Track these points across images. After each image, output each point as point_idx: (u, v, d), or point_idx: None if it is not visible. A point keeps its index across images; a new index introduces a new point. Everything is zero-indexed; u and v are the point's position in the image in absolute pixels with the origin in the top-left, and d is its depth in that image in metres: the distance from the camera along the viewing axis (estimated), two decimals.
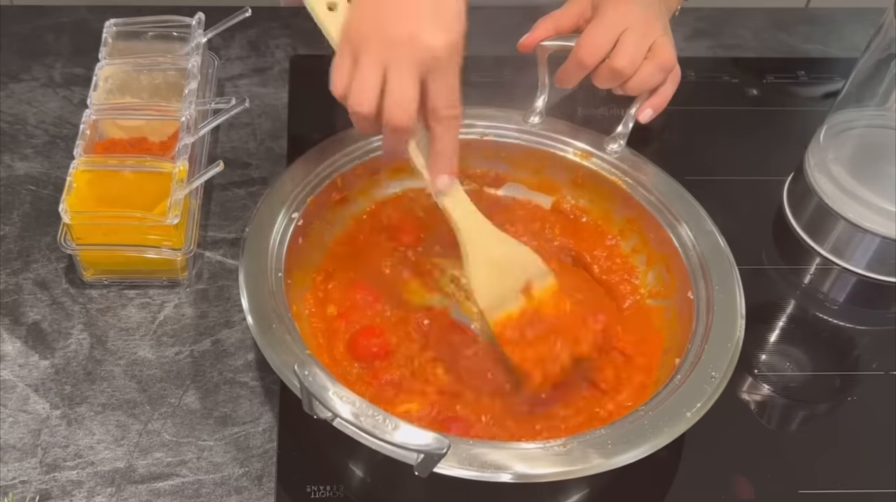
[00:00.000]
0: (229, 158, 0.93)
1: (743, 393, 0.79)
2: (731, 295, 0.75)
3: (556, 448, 0.64)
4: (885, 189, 0.84)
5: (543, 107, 0.86)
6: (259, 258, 0.74)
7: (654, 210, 0.81)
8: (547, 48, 0.83)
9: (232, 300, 0.83)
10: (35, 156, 0.93)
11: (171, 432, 0.75)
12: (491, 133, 0.86)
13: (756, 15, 1.14)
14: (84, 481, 0.72)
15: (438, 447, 0.57)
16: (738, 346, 0.71)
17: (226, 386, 0.78)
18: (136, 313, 0.82)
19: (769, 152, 0.98)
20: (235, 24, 0.95)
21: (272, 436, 0.75)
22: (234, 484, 0.72)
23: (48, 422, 0.75)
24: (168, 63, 0.91)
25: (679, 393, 0.68)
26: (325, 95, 0.69)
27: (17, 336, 0.80)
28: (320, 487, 0.72)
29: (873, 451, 0.77)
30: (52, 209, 0.82)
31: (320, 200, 0.81)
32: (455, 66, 0.66)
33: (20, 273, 0.84)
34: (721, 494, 0.73)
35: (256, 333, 0.69)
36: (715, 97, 1.03)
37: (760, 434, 0.78)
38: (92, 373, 0.78)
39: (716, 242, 0.79)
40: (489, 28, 1.03)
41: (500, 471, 0.63)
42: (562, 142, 0.86)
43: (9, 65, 1.01)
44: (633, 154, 0.85)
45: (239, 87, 1.02)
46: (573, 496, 0.73)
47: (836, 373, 0.82)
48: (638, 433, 0.65)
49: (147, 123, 0.88)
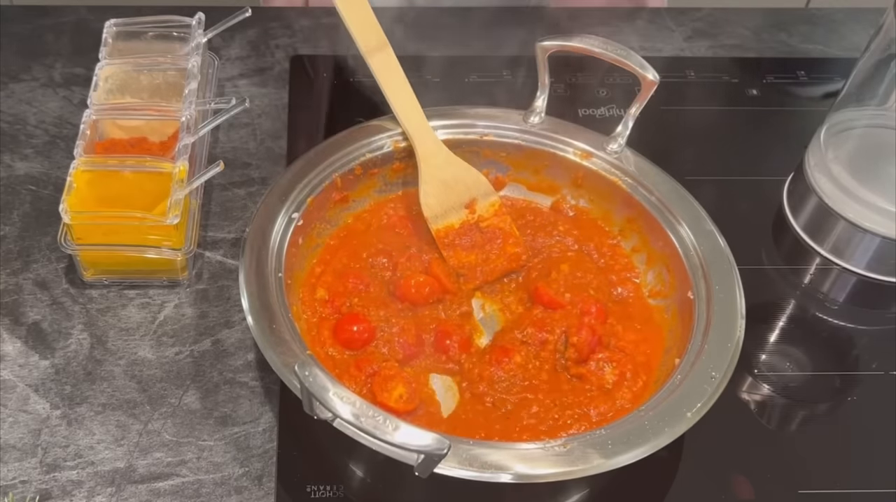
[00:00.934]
0: (229, 158, 0.93)
1: (743, 393, 0.79)
2: (731, 294, 0.75)
3: (556, 448, 0.64)
4: (885, 189, 0.84)
5: (543, 107, 0.86)
6: (259, 258, 0.74)
7: (654, 210, 0.82)
8: (547, 48, 0.83)
9: (232, 300, 0.83)
10: (35, 156, 0.93)
11: (171, 432, 0.75)
12: (491, 133, 0.86)
13: (756, 15, 1.14)
14: (84, 481, 0.72)
15: (439, 447, 0.57)
16: (738, 346, 0.71)
17: (226, 386, 0.78)
18: (137, 313, 0.82)
19: (769, 152, 0.98)
20: (235, 24, 0.95)
21: (272, 436, 0.75)
22: (234, 484, 0.72)
23: (48, 422, 0.75)
24: (168, 63, 0.91)
25: (679, 392, 0.68)
26: (325, 95, 0.70)
27: (18, 336, 0.80)
28: (320, 487, 0.72)
29: (873, 451, 0.77)
30: (52, 209, 0.82)
31: (320, 200, 0.81)
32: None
33: (20, 273, 0.84)
34: (721, 494, 0.73)
35: (257, 333, 0.69)
36: (715, 97, 1.03)
37: (760, 434, 0.78)
38: (92, 373, 0.78)
39: (716, 242, 0.79)
40: (489, 28, 1.04)
41: (501, 472, 0.63)
42: (562, 142, 0.86)
43: (9, 65, 1.01)
44: (633, 154, 0.85)
45: (239, 87, 1.02)
46: (573, 496, 0.73)
47: (836, 373, 0.82)
48: (638, 433, 0.65)
49: (147, 123, 0.87)
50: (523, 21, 0.84)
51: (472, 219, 0.84)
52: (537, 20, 1.07)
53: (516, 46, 0.84)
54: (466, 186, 0.84)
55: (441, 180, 0.83)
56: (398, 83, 0.83)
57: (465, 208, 0.84)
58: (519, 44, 1.01)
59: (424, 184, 0.83)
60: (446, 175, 0.84)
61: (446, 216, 0.84)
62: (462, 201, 0.84)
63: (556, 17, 1.09)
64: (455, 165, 0.84)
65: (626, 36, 1.08)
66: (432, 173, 0.83)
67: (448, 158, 0.84)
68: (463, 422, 0.72)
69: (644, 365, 0.75)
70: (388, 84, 0.83)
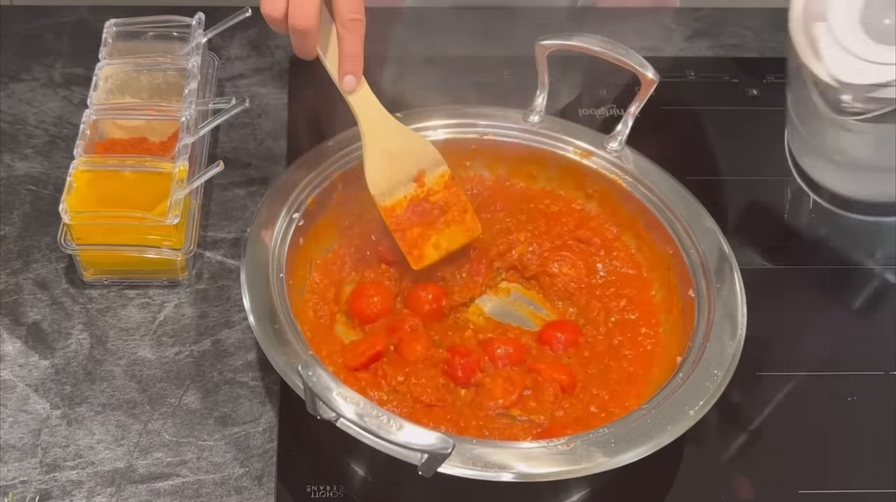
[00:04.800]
0: (229, 158, 0.93)
1: (743, 392, 0.79)
2: (732, 293, 0.75)
3: (558, 447, 0.64)
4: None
5: (543, 106, 0.87)
6: (260, 259, 0.74)
7: (654, 209, 0.82)
8: (547, 48, 0.83)
9: (232, 300, 0.83)
10: (35, 156, 0.93)
11: (171, 432, 0.75)
12: (491, 133, 0.86)
13: (756, 15, 1.14)
14: (84, 481, 0.72)
15: (443, 447, 0.57)
16: (739, 344, 0.71)
17: (226, 386, 0.78)
18: (137, 313, 0.82)
19: (769, 152, 0.98)
20: (235, 24, 0.95)
21: (272, 436, 0.75)
22: (235, 484, 0.72)
23: (48, 422, 0.75)
24: (168, 63, 0.91)
25: (681, 391, 0.68)
26: (325, 95, 0.70)
27: (18, 336, 0.80)
28: (320, 487, 0.72)
29: (873, 451, 0.77)
30: (52, 209, 0.81)
31: (321, 200, 0.81)
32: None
33: (20, 273, 0.84)
34: (721, 494, 0.73)
35: (259, 334, 0.69)
36: (715, 97, 1.03)
37: (760, 434, 0.78)
38: (92, 373, 0.78)
39: (716, 241, 0.79)
40: (489, 28, 1.04)
41: (503, 471, 0.63)
42: (562, 142, 0.86)
43: (9, 65, 1.01)
44: (633, 153, 0.85)
45: (239, 87, 1.01)
46: (574, 495, 0.73)
47: (836, 373, 0.82)
48: (641, 431, 0.65)
49: (147, 123, 0.87)
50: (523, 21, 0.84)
51: (421, 194, 0.80)
52: (539, 21, 1.07)
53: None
54: (414, 157, 0.80)
55: (387, 152, 0.79)
56: (334, 48, 0.76)
57: (414, 182, 0.80)
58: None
59: (369, 158, 0.78)
60: (392, 146, 0.79)
61: (393, 192, 0.79)
62: (410, 174, 0.80)
63: (556, 17, 1.09)
64: (401, 134, 0.79)
65: (626, 36, 1.07)
66: (376, 144, 0.78)
67: (394, 127, 0.79)
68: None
69: (645, 364, 0.76)
70: (324, 48, 0.76)
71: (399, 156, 0.79)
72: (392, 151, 0.79)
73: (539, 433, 0.71)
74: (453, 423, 0.71)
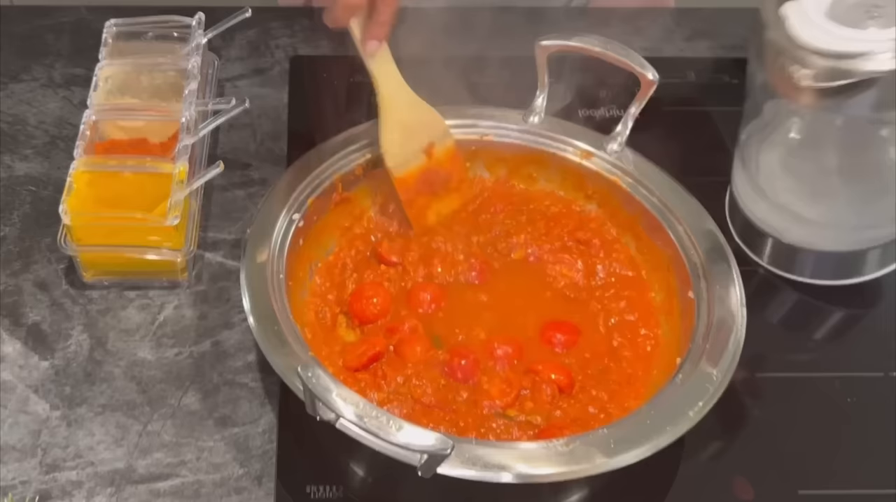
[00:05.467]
0: (229, 159, 0.93)
1: (743, 392, 0.79)
2: (731, 294, 0.75)
3: (558, 447, 0.64)
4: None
5: (543, 107, 0.87)
6: (260, 260, 0.74)
7: (654, 210, 0.82)
8: (547, 48, 0.83)
9: (232, 301, 0.83)
10: (35, 156, 0.93)
11: (170, 433, 0.75)
12: (491, 133, 0.86)
13: (756, 15, 1.14)
14: (84, 481, 0.72)
15: (442, 447, 0.57)
16: (739, 345, 0.71)
17: (226, 387, 0.78)
18: (136, 314, 0.82)
19: None
20: (235, 24, 0.95)
21: (272, 437, 0.75)
22: (234, 485, 0.72)
23: (48, 423, 0.75)
24: (168, 63, 0.91)
25: (681, 392, 0.68)
26: (325, 95, 0.70)
27: (17, 337, 0.80)
28: (320, 487, 0.72)
29: (873, 451, 0.77)
30: (52, 210, 0.81)
31: (321, 201, 0.81)
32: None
33: (20, 274, 0.84)
34: (721, 494, 0.73)
35: (259, 335, 0.69)
36: (715, 97, 1.03)
37: (760, 434, 0.78)
38: (92, 373, 0.78)
39: (716, 241, 0.79)
40: (489, 28, 1.04)
41: (503, 471, 0.63)
42: (562, 142, 0.86)
43: (9, 65, 1.01)
44: (633, 154, 0.85)
45: (239, 87, 1.01)
46: (573, 495, 0.73)
47: (835, 374, 0.82)
48: (640, 432, 0.65)
49: (147, 124, 0.87)
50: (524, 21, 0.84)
51: (429, 165, 0.83)
52: (540, 20, 1.07)
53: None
54: (427, 130, 0.82)
55: (403, 124, 0.81)
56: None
57: (424, 153, 0.83)
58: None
59: (388, 132, 0.80)
60: (409, 118, 0.81)
61: (407, 164, 0.82)
62: (421, 146, 0.82)
63: (556, 17, 1.09)
64: (418, 107, 0.82)
65: (626, 36, 1.07)
66: (395, 117, 0.80)
67: (411, 100, 0.82)
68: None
69: (645, 364, 0.76)
70: (355, 22, 0.78)
71: (414, 128, 0.82)
72: (408, 123, 0.81)
73: (536, 433, 0.71)
74: (453, 424, 0.71)
